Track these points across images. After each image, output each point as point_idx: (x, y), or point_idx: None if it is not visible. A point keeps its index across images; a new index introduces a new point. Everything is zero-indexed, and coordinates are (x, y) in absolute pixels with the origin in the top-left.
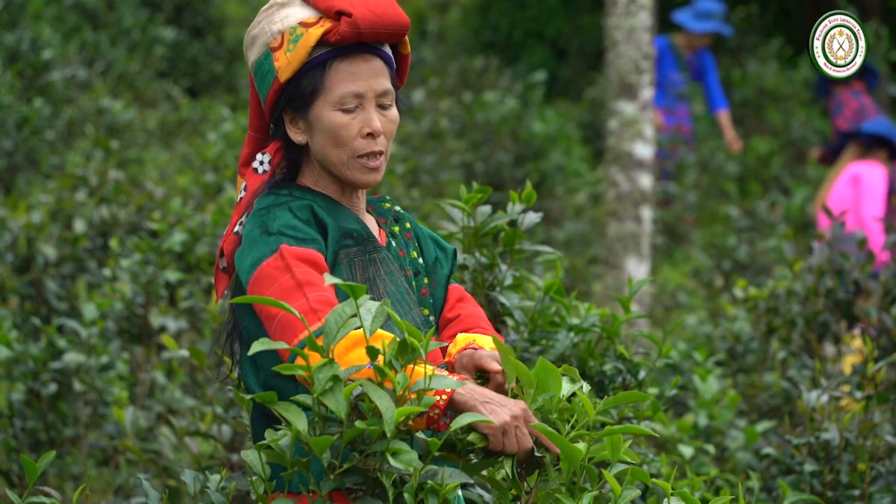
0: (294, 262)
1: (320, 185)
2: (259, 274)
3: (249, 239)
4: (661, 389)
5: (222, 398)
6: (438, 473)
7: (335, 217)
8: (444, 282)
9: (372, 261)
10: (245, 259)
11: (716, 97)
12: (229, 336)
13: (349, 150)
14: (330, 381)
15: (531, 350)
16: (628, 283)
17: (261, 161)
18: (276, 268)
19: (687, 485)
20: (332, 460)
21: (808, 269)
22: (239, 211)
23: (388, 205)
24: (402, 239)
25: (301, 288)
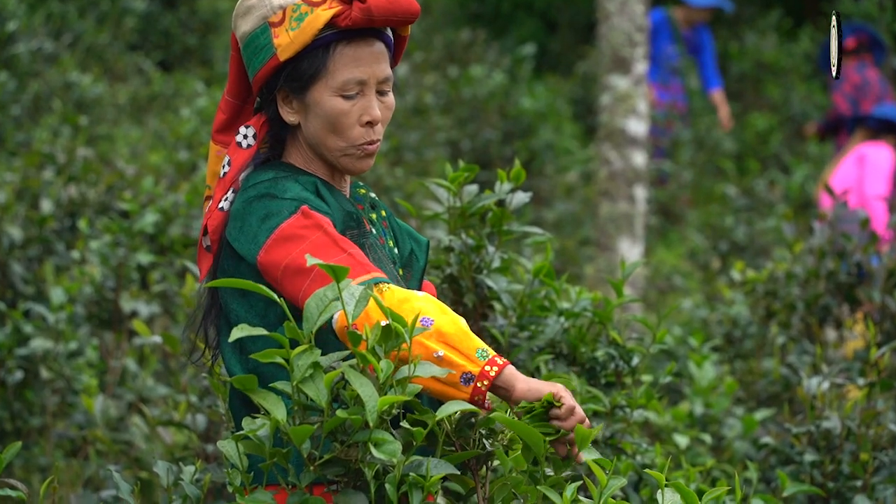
0: (322, 219)
1: (311, 167)
2: (280, 235)
3: (254, 209)
4: (655, 376)
5: (197, 386)
6: (423, 465)
7: (335, 198)
8: (420, 275)
9: (363, 246)
10: (250, 228)
11: (710, 76)
12: (205, 319)
13: (347, 138)
14: (310, 367)
15: (520, 336)
16: (621, 266)
17: (244, 135)
18: (303, 226)
19: (682, 476)
20: (313, 451)
21: (809, 250)
22: (224, 186)
23: (363, 191)
24: (380, 226)
25: (337, 244)
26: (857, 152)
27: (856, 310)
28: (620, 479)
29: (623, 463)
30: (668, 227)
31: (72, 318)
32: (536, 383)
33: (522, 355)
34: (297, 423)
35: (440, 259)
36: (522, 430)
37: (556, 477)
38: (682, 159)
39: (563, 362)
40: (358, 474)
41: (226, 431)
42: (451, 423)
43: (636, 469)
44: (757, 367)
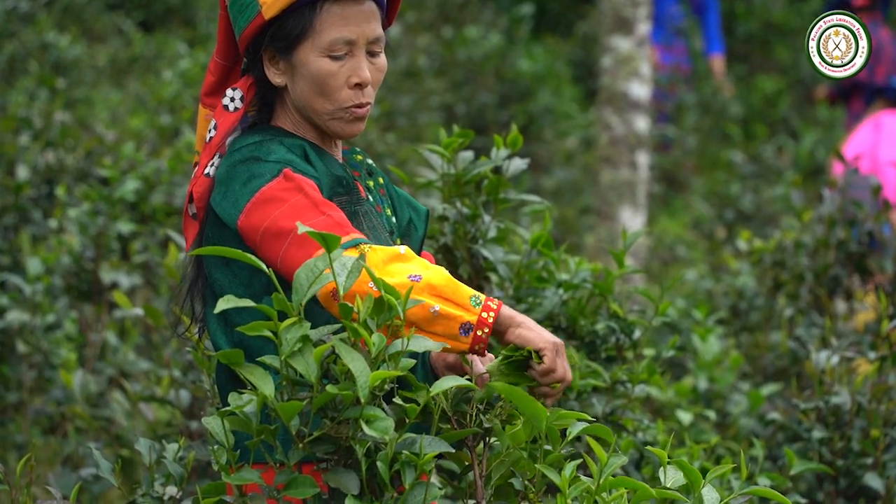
0: (304, 181)
1: (300, 131)
2: (260, 198)
3: (237, 173)
4: (657, 350)
5: (180, 360)
6: (416, 442)
7: (324, 162)
8: (418, 246)
9: (356, 213)
10: (233, 192)
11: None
12: (190, 291)
13: (335, 100)
14: (299, 341)
15: (517, 308)
16: (622, 235)
17: (231, 97)
18: (284, 189)
19: (685, 453)
20: (301, 428)
21: (818, 218)
22: (210, 151)
23: (359, 157)
24: (377, 194)
25: (318, 206)
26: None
27: (867, 280)
28: (621, 456)
29: (624, 440)
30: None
31: (49, 290)
32: (529, 333)
33: None
34: (285, 399)
35: (434, 229)
36: (522, 400)
37: (555, 454)
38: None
39: (562, 336)
40: (348, 452)
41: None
42: (446, 399)
43: (637, 446)
44: (764, 341)
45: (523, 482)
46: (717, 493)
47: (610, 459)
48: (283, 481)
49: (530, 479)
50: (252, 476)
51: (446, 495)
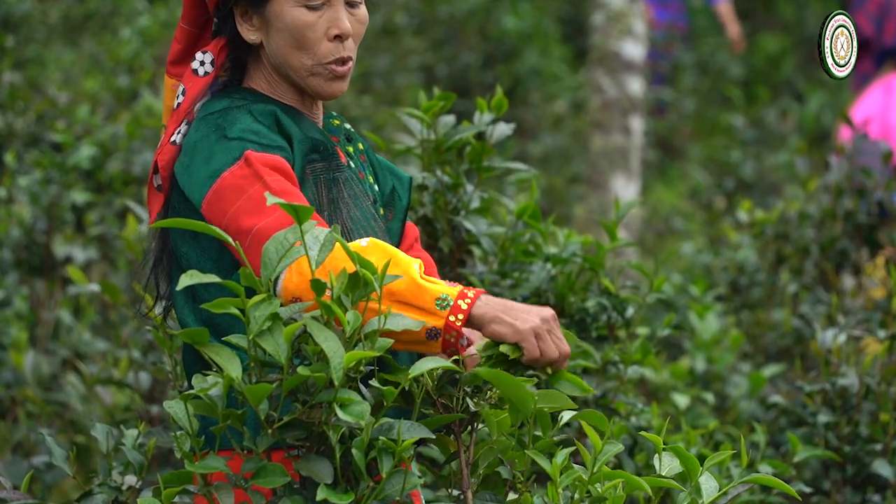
0: (264, 168)
1: (276, 93)
2: (221, 185)
3: (201, 147)
4: (652, 329)
5: (140, 340)
6: (394, 428)
7: (300, 126)
8: (402, 215)
9: (335, 180)
10: (196, 170)
11: None
12: (155, 266)
13: (313, 55)
14: (268, 319)
15: (502, 284)
16: (615, 206)
17: (201, 61)
18: (243, 176)
19: (682, 439)
20: (271, 412)
21: (825, 187)
22: (177, 118)
23: (337, 122)
24: (358, 161)
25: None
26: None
27: (876, 254)
28: (617, 444)
29: (616, 425)
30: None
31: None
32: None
33: None
34: (253, 382)
35: (413, 199)
36: (508, 384)
37: (545, 441)
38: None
39: None
40: (321, 438)
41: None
42: (432, 380)
43: (630, 432)
44: (765, 319)
45: (511, 471)
46: (715, 481)
47: (605, 447)
48: (250, 469)
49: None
50: (218, 464)
51: (427, 484)
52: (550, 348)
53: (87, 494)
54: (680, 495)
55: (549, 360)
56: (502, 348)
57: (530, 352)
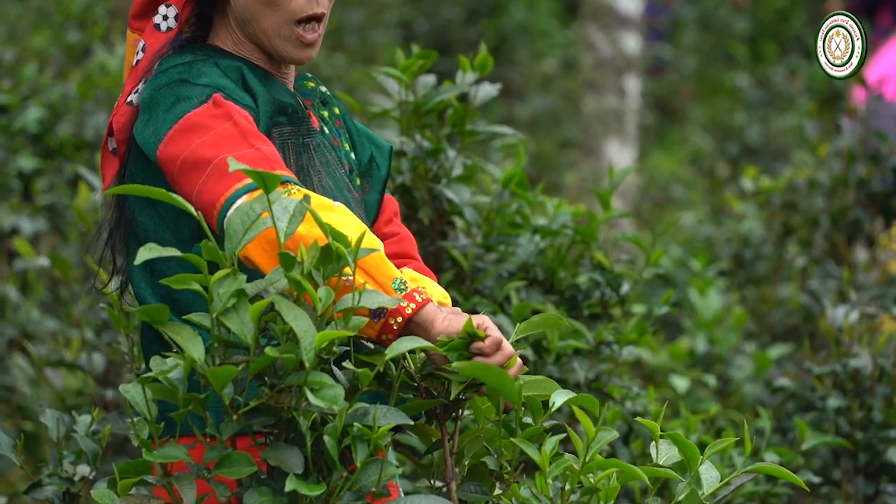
0: (235, 111)
1: (243, 52)
2: (184, 124)
3: (162, 97)
4: (649, 306)
5: (93, 319)
6: (369, 414)
7: (267, 87)
8: (380, 187)
9: (305, 146)
10: (156, 119)
11: None
12: (110, 238)
13: (283, 11)
14: (233, 296)
15: (486, 258)
16: (609, 173)
17: (164, 15)
18: (212, 115)
19: (681, 425)
20: (236, 397)
21: (836, 153)
22: (135, 76)
23: (311, 84)
24: (333, 126)
25: (246, 137)
26: None
27: (891, 224)
28: (611, 431)
29: (610, 411)
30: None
31: None
32: (457, 317)
33: (489, 282)
34: (217, 364)
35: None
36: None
37: (534, 428)
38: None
39: (539, 290)
40: (291, 425)
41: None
42: (415, 364)
43: (625, 418)
44: (772, 295)
45: (498, 461)
46: (717, 470)
47: (598, 434)
48: (214, 458)
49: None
50: (178, 453)
51: (406, 474)
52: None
53: (36, 485)
54: (679, 486)
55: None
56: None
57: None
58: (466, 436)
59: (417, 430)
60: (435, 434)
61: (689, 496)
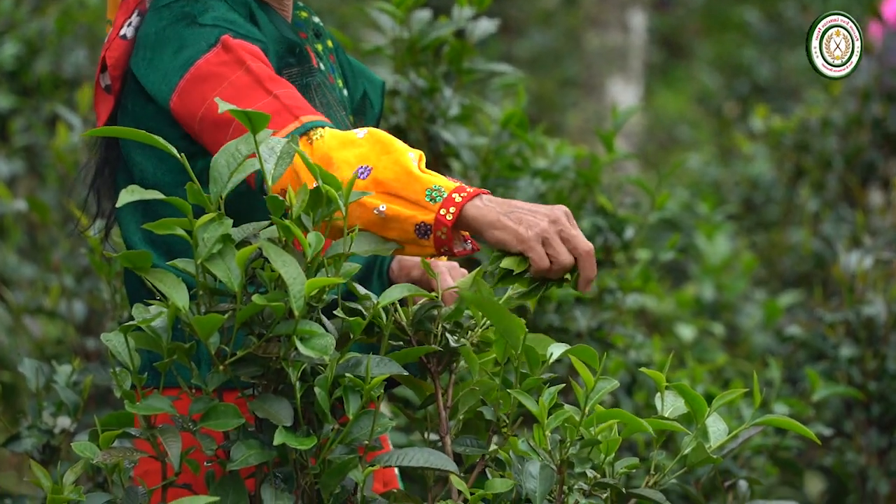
0: (245, 54)
1: None
2: (196, 74)
3: (167, 36)
4: (654, 252)
5: (73, 265)
6: (361, 364)
7: (275, 24)
8: (374, 125)
9: (307, 87)
10: (162, 62)
11: None
12: (95, 179)
13: None
14: (219, 241)
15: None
16: (612, 113)
17: None
18: (222, 62)
19: (687, 375)
20: (222, 346)
21: (850, 91)
22: (127, 8)
23: (304, 14)
24: (328, 61)
25: (262, 84)
26: None
27: None
28: (611, 381)
29: (613, 361)
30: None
31: None
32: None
33: None
34: (202, 312)
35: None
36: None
37: (533, 380)
38: None
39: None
40: (279, 375)
41: (111, 322)
42: (406, 315)
43: (629, 368)
44: (782, 240)
45: (495, 413)
46: (724, 423)
47: (597, 384)
48: (199, 410)
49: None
50: (162, 404)
51: (399, 427)
52: (562, 253)
53: (14, 438)
54: (684, 439)
55: (563, 266)
56: (505, 262)
57: (537, 262)
58: (461, 388)
59: (410, 382)
60: (429, 388)
61: (695, 449)
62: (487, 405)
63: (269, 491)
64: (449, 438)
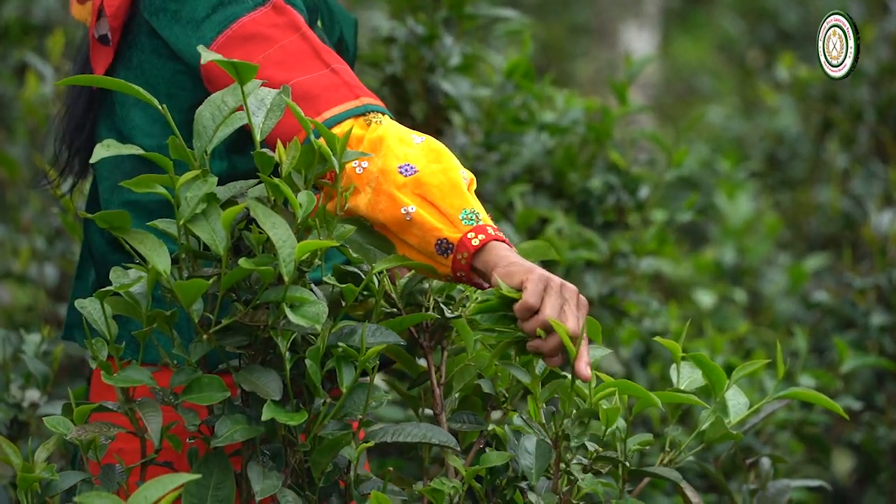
0: (299, 19)
1: None
2: (239, 32)
3: None
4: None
5: (44, 226)
6: (356, 332)
7: None
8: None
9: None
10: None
11: None
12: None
13: None
14: (202, 201)
15: (487, 158)
16: (626, 62)
17: None
18: (273, 24)
19: (705, 345)
20: (206, 314)
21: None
22: None
23: None
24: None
25: (319, 55)
26: None
27: None
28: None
29: (625, 329)
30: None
31: None
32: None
33: (490, 185)
34: (184, 277)
35: (377, 54)
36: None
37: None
38: None
39: (546, 194)
40: (267, 345)
41: None
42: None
43: (643, 337)
44: (809, 199)
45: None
46: (745, 396)
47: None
48: (181, 383)
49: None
50: (141, 376)
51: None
52: (553, 307)
53: None
54: (702, 413)
55: (544, 321)
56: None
57: (528, 295)
58: (456, 363)
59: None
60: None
61: (713, 425)
62: (485, 378)
63: (256, 469)
64: (444, 415)
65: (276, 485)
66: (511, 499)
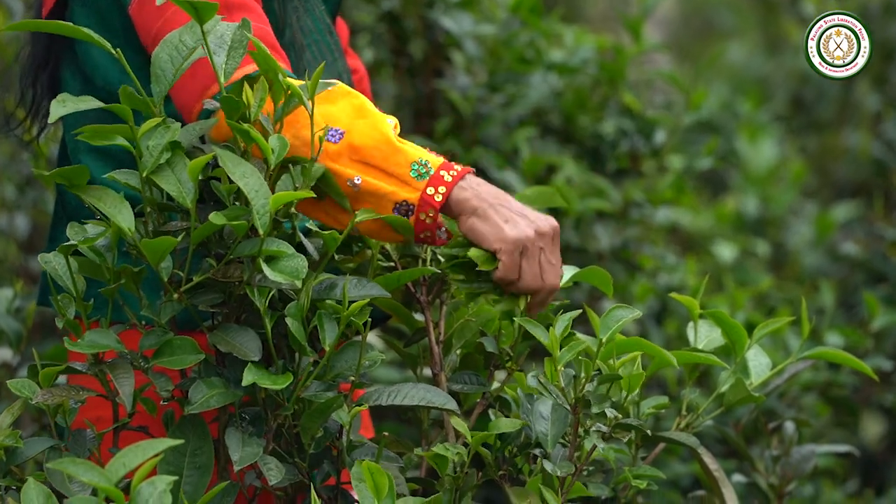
0: None
1: None
2: None
3: None
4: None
5: (14, 173)
6: (338, 286)
7: None
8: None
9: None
10: None
11: None
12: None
13: None
14: (166, 150)
15: (491, 101)
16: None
17: None
18: None
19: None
20: (176, 271)
21: None
22: None
23: None
24: None
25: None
26: None
27: None
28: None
29: (639, 285)
30: None
31: None
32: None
33: (494, 129)
34: (150, 234)
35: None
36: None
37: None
38: None
39: (554, 139)
40: (243, 303)
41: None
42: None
43: (658, 293)
44: (837, 144)
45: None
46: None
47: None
48: (151, 346)
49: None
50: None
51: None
52: (533, 273)
53: None
54: (722, 374)
55: (526, 288)
56: (472, 252)
57: (505, 269)
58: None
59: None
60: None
61: (733, 387)
62: (488, 336)
63: (235, 435)
64: (444, 375)
65: (258, 452)
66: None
